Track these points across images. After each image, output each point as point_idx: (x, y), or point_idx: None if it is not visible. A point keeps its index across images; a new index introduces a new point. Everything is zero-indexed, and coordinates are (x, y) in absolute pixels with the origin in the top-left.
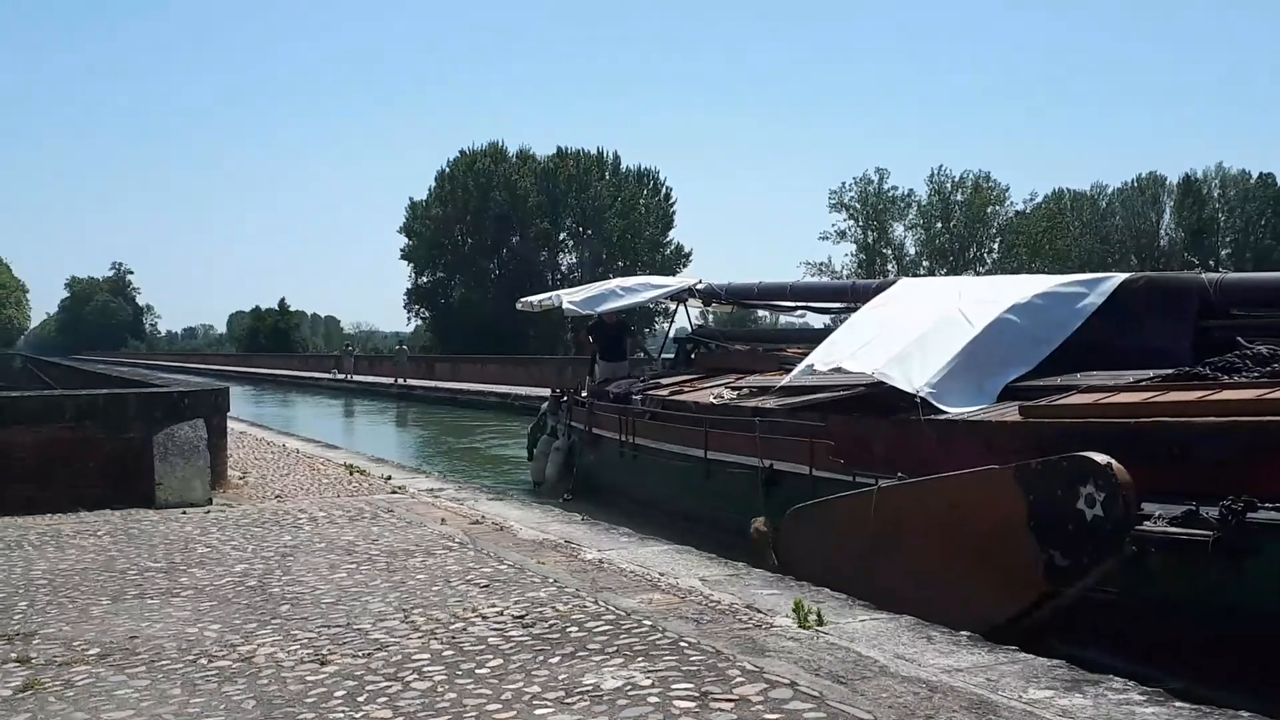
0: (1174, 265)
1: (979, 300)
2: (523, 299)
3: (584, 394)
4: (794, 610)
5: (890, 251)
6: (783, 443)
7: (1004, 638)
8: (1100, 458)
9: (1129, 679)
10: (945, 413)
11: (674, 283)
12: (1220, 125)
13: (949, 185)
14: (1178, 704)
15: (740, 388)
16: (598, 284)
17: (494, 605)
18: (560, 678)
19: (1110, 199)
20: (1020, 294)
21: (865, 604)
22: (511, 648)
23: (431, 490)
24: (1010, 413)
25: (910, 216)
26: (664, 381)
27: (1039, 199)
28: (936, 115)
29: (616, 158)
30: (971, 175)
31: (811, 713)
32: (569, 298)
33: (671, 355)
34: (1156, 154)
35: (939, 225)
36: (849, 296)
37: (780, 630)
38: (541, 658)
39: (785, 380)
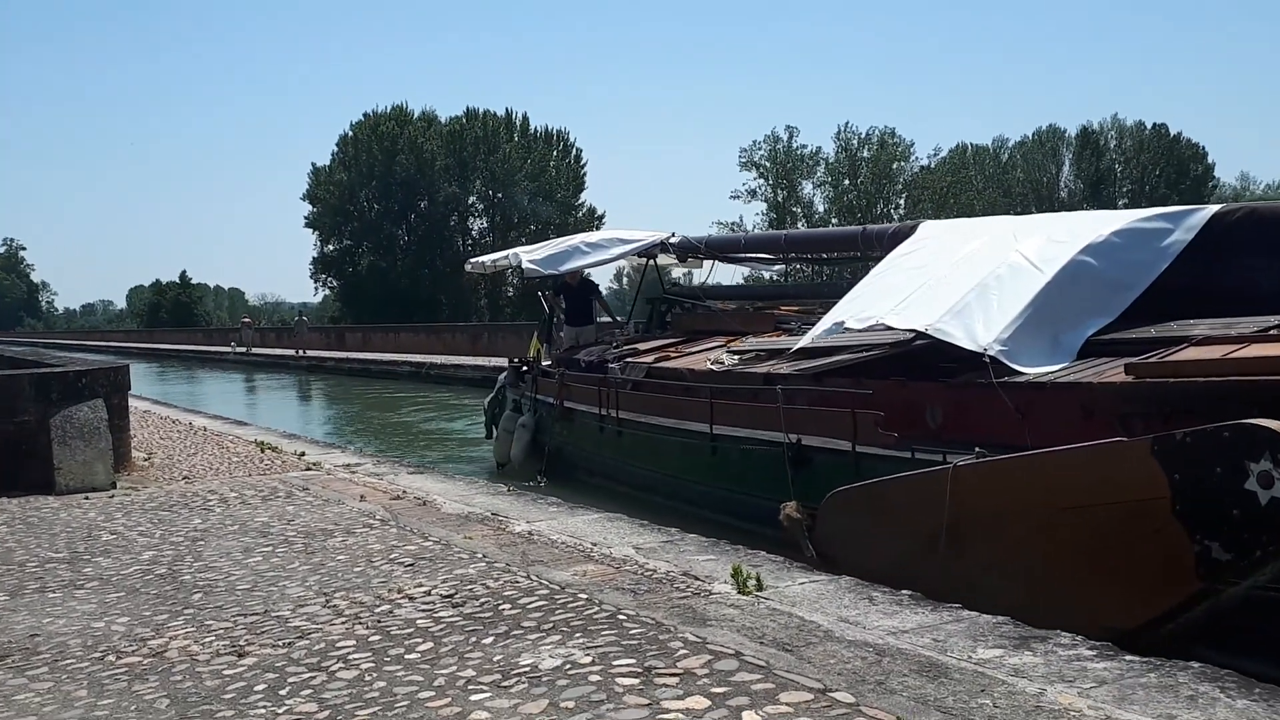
0: None
1: (1046, 241)
2: (472, 260)
3: (545, 362)
4: (733, 576)
5: (800, 210)
6: (813, 413)
7: (1138, 647)
8: (1279, 425)
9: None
10: (1021, 374)
11: (645, 237)
12: (1115, 77)
13: (855, 142)
14: (1128, 658)
15: (743, 351)
16: (559, 240)
17: (420, 585)
18: (495, 659)
19: (1011, 152)
20: (1094, 233)
21: (803, 566)
22: (442, 629)
23: (348, 465)
24: (1109, 371)
25: (819, 174)
26: (641, 347)
27: (943, 153)
28: (844, 72)
29: (525, 119)
30: (877, 131)
31: (760, 684)
32: (528, 256)
33: (644, 319)
34: (1054, 107)
35: (846, 182)
36: (859, 245)
37: (720, 597)
38: (474, 639)
39: (803, 341)
